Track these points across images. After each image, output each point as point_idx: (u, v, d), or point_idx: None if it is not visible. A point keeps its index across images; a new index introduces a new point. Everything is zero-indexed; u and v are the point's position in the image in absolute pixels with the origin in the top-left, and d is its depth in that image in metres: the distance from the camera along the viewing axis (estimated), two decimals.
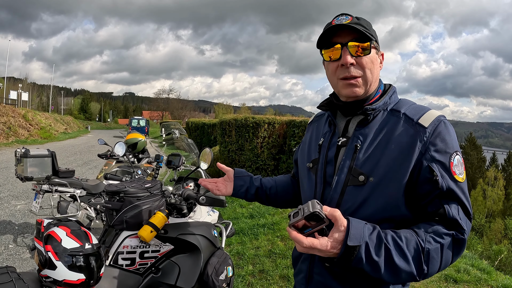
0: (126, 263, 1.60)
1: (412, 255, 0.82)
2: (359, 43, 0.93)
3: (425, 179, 0.87)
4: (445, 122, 0.91)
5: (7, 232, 4.10)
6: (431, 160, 0.87)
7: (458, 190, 0.86)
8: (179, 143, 18.05)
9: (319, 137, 1.10)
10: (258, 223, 4.57)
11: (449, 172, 0.86)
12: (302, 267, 1.07)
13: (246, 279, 3.12)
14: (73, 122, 32.47)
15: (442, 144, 0.88)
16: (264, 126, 7.32)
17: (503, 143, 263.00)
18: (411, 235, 0.84)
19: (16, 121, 17.94)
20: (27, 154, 3.39)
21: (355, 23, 0.92)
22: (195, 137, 17.15)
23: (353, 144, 0.95)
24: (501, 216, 27.68)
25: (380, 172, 0.89)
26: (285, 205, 1.35)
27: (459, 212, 0.86)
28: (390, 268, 0.81)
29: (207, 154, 1.95)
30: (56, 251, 1.24)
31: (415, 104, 0.97)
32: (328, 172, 1.00)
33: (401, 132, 0.91)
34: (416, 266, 0.82)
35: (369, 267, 0.81)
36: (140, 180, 1.80)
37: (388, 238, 0.82)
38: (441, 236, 0.84)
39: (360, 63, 0.94)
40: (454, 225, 0.85)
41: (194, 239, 1.73)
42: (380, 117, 0.96)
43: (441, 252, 0.84)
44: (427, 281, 3.11)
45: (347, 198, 0.93)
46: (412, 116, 0.92)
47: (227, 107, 71.85)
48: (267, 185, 1.29)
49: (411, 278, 0.83)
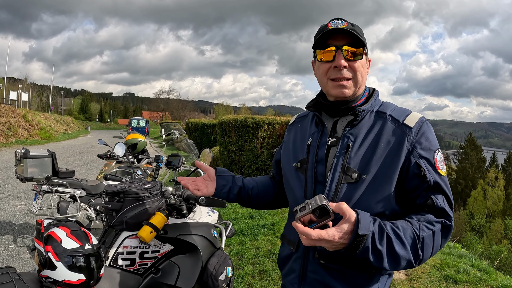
0: (126, 263, 1.61)
1: (410, 243, 0.88)
2: (353, 47, 0.99)
3: (414, 174, 0.94)
4: (427, 122, 0.99)
5: (7, 232, 4.10)
6: (418, 157, 0.94)
7: (442, 183, 0.95)
8: (179, 144, 18.02)
9: (305, 137, 1.13)
10: (258, 224, 4.57)
11: (434, 167, 0.95)
12: (294, 266, 1.08)
13: (246, 279, 3.12)
14: (73, 122, 32.48)
15: (426, 142, 0.96)
16: (264, 127, 7.32)
17: (503, 143, 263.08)
18: (407, 224, 0.90)
19: (16, 121, 17.94)
20: (27, 155, 3.39)
21: (350, 28, 0.97)
22: (195, 137, 17.15)
23: (344, 144, 1.00)
24: (501, 216, 27.67)
25: (372, 169, 0.95)
26: (265, 206, 1.35)
27: (444, 202, 0.94)
28: (391, 256, 0.86)
29: (207, 154, 1.96)
30: (56, 251, 1.25)
31: (397, 106, 1.05)
32: (319, 171, 1.03)
33: (389, 132, 0.98)
34: (413, 253, 0.88)
35: (374, 256, 0.85)
36: (140, 181, 1.81)
37: (388, 228, 0.87)
38: (432, 223, 0.91)
39: (352, 66, 0.99)
40: (442, 213, 0.93)
41: (194, 240, 1.73)
42: (367, 118, 1.02)
43: (433, 238, 0.91)
44: (427, 281, 3.11)
45: (342, 195, 0.97)
46: (398, 117, 1.00)
47: (227, 107, 71.86)
48: (249, 186, 1.28)
49: (408, 264, 0.90)
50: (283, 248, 1.18)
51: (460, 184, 37.55)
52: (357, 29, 0.99)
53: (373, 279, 0.98)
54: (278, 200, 1.33)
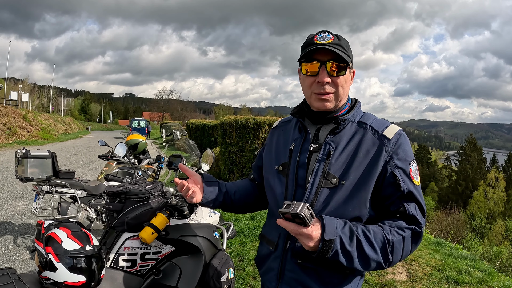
0: (127, 264, 1.60)
1: (380, 246, 0.95)
2: (336, 63, 1.03)
3: (389, 183, 1.01)
4: (404, 135, 1.06)
5: (7, 233, 4.09)
6: (394, 167, 1.01)
7: (416, 192, 1.02)
8: (180, 144, 18.01)
9: (288, 142, 1.17)
10: (259, 225, 4.56)
11: (409, 177, 1.02)
12: (272, 265, 1.14)
13: (247, 280, 3.11)
14: (74, 123, 32.47)
15: (403, 153, 1.03)
16: (265, 128, 7.32)
17: (504, 144, 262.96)
18: (378, 228, 0.98)
19: (17, 121, 17.95)
20: (28, 155, 3.39)
21: (336, 43, 1.02)
22: (196, 138, 17.16)
23: (326, 150, 1.06)
24: (502, 217, 27.60)
25: (351, 176, 1.01)
26: (246, 210, 1.39)
27: (416, 210, 1.01)
28: (361, 257, 0.94)
29: (209, 155, 1.95)
30: (57, 252, 1.24)
31: (377, 118, 1.12)
32: (299, 175, 1.08)
33: (368, 142, 1.04)
34: (383, 255, 0.96)
35: (344, 258, 0.93)
36: (141, 181, 1.80)
37: (359, 231, 0.95)
38: (403, 229, 0.99)
39: (335, 81, 1.04)
40: (413, 220, 1.00)
41: (195, 241, 1.72)
42: (349, 127, 1.08)
43: (403, 243, 0.98)
44: (428, 282, 3.10)
45: (321, 198, 1.02)
46: (378, 128, 1.06)
47: (228, 108, 71.89)
48: (231, 191, 1.31)
49: (379, 266, 0.97)
50: (262, 248, 1.23)
51: (461, 185, 37.53)
52: (342, 43, 1.04)
53: (346, 279, 1.06)
54: (258, 203, 1.37)
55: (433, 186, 39.59)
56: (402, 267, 3.39)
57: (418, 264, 3.47)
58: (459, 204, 31.56)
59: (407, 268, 3.38)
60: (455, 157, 47.03)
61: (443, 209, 26.71)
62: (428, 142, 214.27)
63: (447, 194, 37.89)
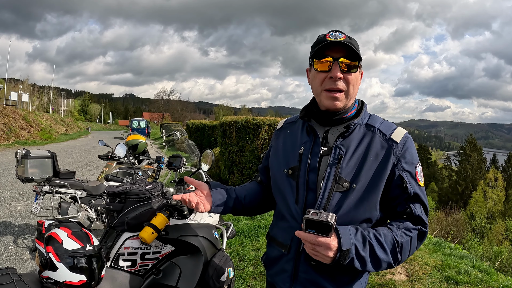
0: (127, 264, 1.60)
1: (390, 248, 1.00)
2: (349, 60, 1.04)
3: (396, 185, 1.05)
4: (410, 138, 1.10)
5: (8, 233, 4.10)
6: (402, 170, 1.04)
7: (421, 194, 1.06)
8: (180, 145, 18.03)
9: (296, 145, 1.17)
10: (259, 225, 4.57)
11: (415, 179, 1.06)
12: (285, 267, 1.14)
13: (247, 280, 3.11)
14: (74, 123, 32.47)
15: (409, 157, 1.06)
16: (265, 128, 7.32)
17: (504, 144, 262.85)
18: (388, 231, 1.02)
19: (17, 122, 17.95)
20: (28, 155, 3.39)
21: (348, 42, 1.03)
22: (196, 138, 17.16)
23: (337, 154, 1.07)
24: (502, 217, 27.59)
25: (362, 179, 1.03)
26: (256, 212, 1.39)
27: (422, 211, 1.06)
28: (374, 260, 0.98)
29: (208, 156, 1.95)
30: (57, 252, 1.24)
31: (384, 120, 1.14)
32: (311, 179, 1.09)
33: (377, 146, 1.06)
34: (393, 256, 1.01)
35: (359, 263, 0.96)
36: (141, 182, 1.80)
37: (371, 235, 0.99)
38: (410, 230, 1.04)
39: (347, 78, 1.05)
40: (419, 221, 1.05)
41: (195, 241, 1.73)
42: (357, 130, 1.10)
43: (410, 243, 1.03)
44: (428, 282, 3.10)
45: (333, 202, 1.04)
46: (385, 132, 1.08)
47: (228, 108, 71.88)
48: (241, 195, 1.31)
49: (389, 266, 1.02)
50: (272, 249, 1.22)
51: (461, 185, 37.53)
52: (354, 43, 1.05)
53: (357, 276, 1.10)
54: (267, 204, 1.37)
55: (433, 186, 39.59)
56: (401, 267, 3.40)
57: (418, 264, 3.47)
58: (459, 204, 31.56)
59: (406, 268, 3.39)
60: (455, 157, 47.01)
61: (443, 209, 26.72)
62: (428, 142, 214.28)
63: (447, 194, 37.90)
